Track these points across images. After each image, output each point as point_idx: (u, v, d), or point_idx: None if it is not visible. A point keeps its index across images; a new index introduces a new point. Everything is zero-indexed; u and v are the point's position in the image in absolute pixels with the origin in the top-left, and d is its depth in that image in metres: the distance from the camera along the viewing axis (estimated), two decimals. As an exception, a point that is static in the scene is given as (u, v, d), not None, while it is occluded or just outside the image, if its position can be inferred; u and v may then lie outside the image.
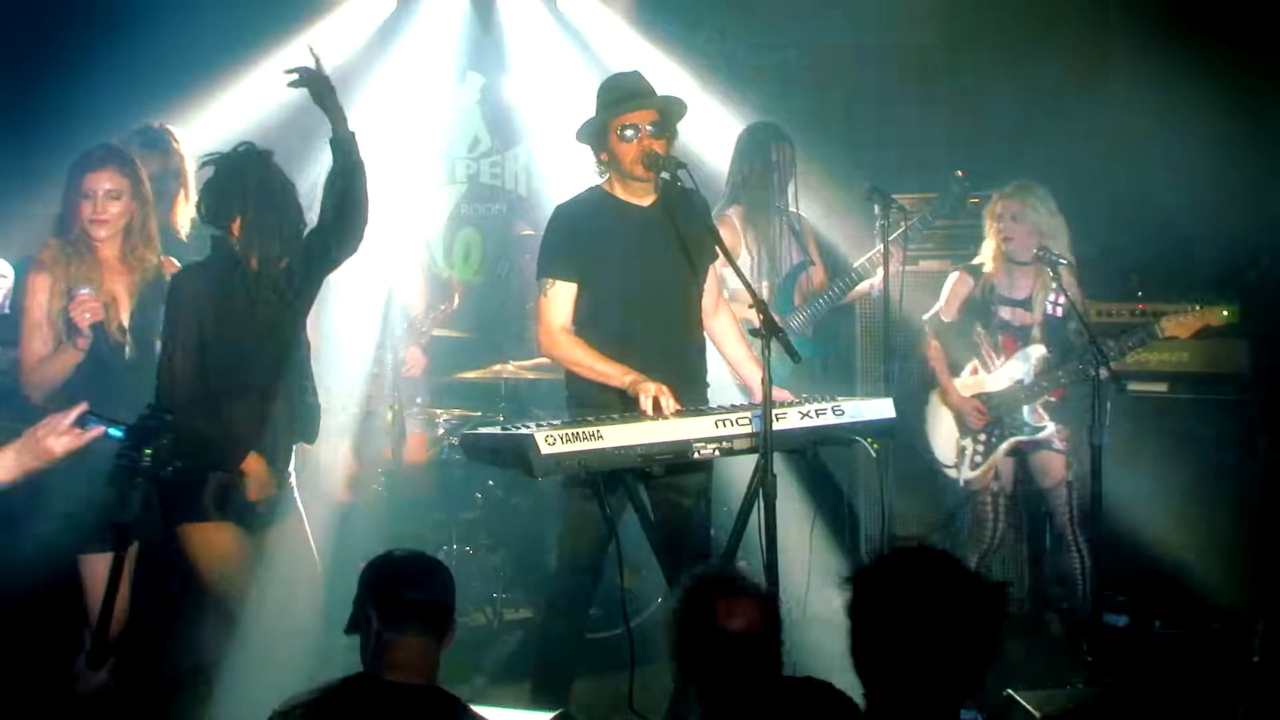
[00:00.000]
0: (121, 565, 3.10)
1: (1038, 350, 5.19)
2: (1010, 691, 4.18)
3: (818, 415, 4.14)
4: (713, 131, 6.17)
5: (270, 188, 3.96)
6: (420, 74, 7.10)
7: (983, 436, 5.23)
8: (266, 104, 6.28)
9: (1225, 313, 5.34)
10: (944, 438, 5.32)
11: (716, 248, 4.32)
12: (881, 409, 4.31)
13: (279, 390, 4.04)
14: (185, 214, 4.71)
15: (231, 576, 3.96)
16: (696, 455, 3.99)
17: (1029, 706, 4.13)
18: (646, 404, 3.98)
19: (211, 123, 5.76)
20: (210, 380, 3.89)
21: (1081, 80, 6.24)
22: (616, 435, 3.88)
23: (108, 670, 3.54)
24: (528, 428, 3.92)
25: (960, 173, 5.53)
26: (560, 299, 4.24)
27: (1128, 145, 6.14)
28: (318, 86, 4.07)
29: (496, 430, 4.30)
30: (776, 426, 3.86)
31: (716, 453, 4.02)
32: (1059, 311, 5.19)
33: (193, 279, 4.01)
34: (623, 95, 4.26)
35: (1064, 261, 4.99)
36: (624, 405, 4.11)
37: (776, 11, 6.60)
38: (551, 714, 4.00)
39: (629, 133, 4.19)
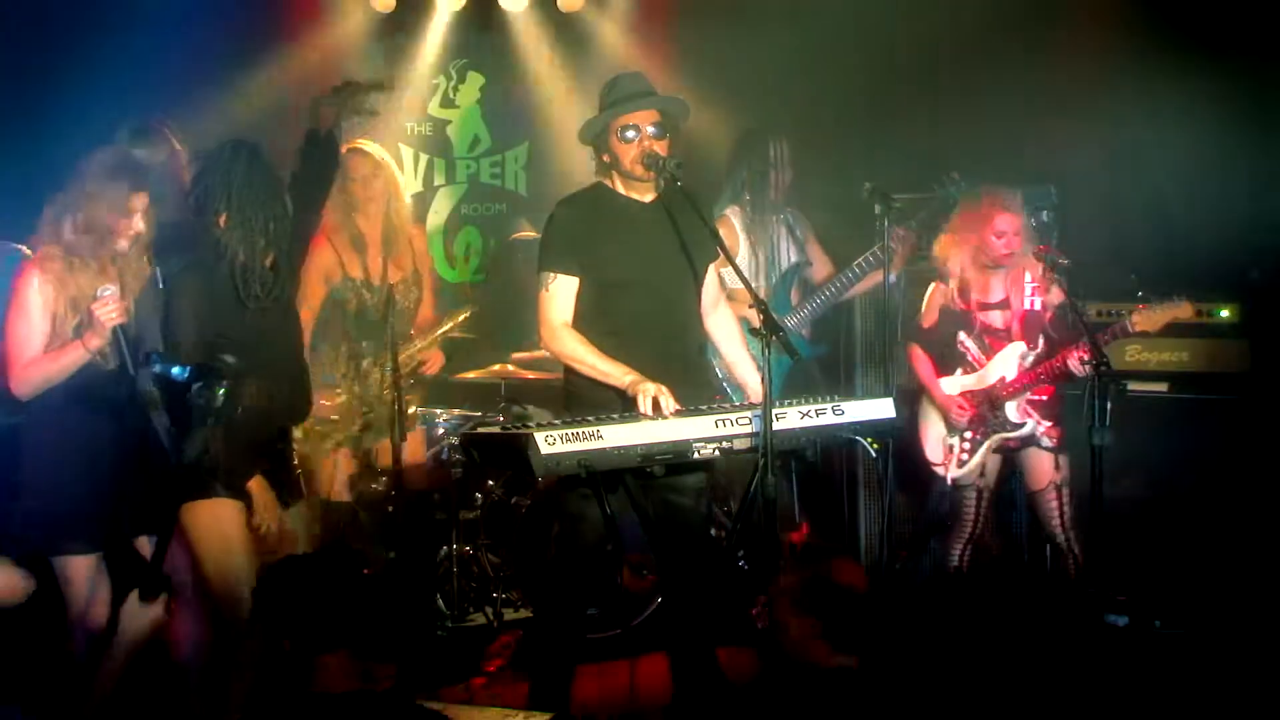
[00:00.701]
0: (186, 498, 3.09)
1: (1018, 347, 5.18)
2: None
3: (818, 415, 4.12)
4: (712, 131, 6.17)
5: (255, 183, 3.97)
6: (420, 73, 7.13)
7: (968, 434, 5.22)
8: (267, 103, 6.30)
9: (1226, 312, 5.34)
10: (933, 436, 5.32)
11: (717, 248, 4.32)
12: (881, 409, 4.29)
13: (280, 384, 4.05)
14: None
15: (230, 563, 3.90)
16: (696, 455, 3.98)
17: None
18: (645, 404, 3.98)
19: (212, 121, 5.75)
20: None
21: (1082, 80, 6.24)
22: (616, 435, 3.87)
23: (161, 603, 3.45)
24: (528, 428, 3.92)
25: (955, 175, 5.53)
26: (561, 293, 4.23)
27: (1129, 145, 6.14)
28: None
29: (496, 430, 4.30)
30: (776, 426, 3.85)
31: (716, 453, 4.01)
32: (1035, 306, 5.18)
33: (187, 276, 4.01)
34: (623, 96, 4.25)
35: (1065, 262, 4.99)
36: (622, 404, 4.10)
37: (776, 9, 6.60)
38: (550, 715, 4.00)
39: (630, 134, 4.19)
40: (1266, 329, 5.58)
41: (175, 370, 3.17)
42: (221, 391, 3.13)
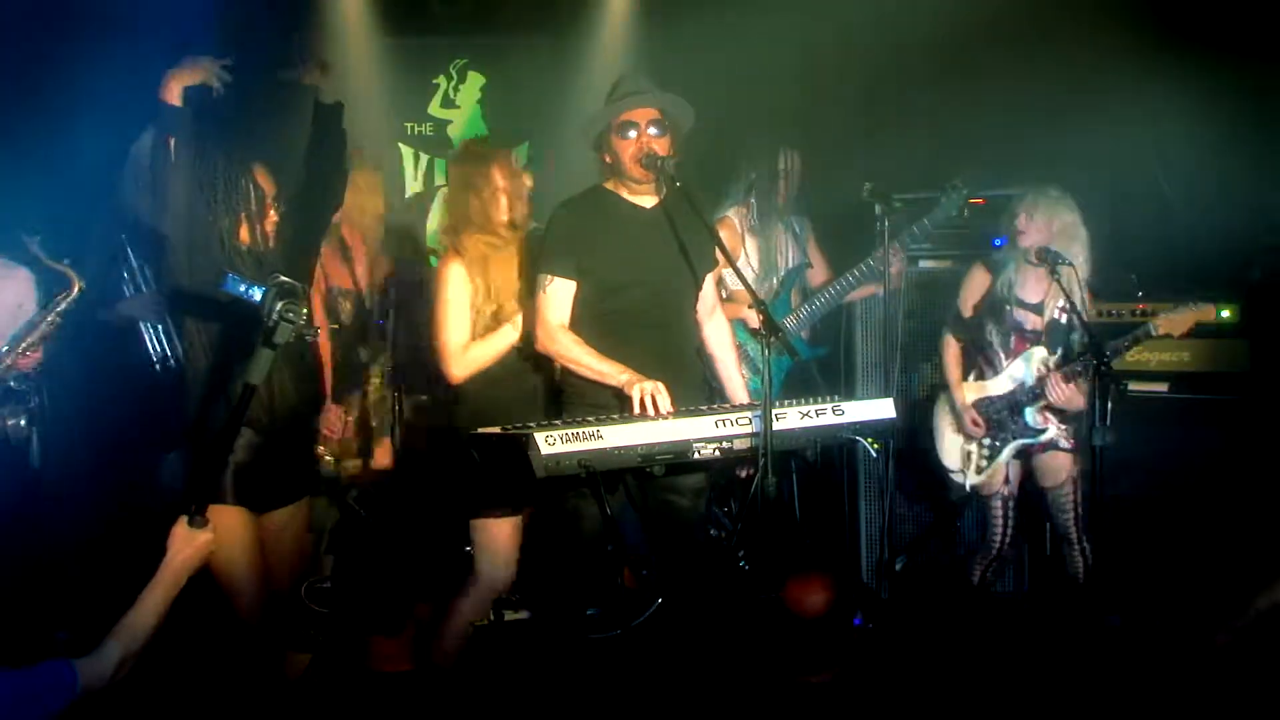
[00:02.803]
0: (243, 414, 3.13)
1: (1039, 353, 5.17)
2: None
3: (818, 415, 4.13)
4: (711, 131, 6.17)
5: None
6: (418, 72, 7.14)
7: (987, 441, 5.22)
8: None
9: (1227, 312, 5.33)
10: (950, 441, 5.31)
11: (717, 250, 4.32)
12: (881, 409, 4.29)
13: (285, 373, 4.00)
14: None
15: (226, 566, 3.88)
16: (697, 455, 3.97)
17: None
18: (638, 403, 3.99)
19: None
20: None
21: (1083, 81, 6.24)
22: (616, 435, 3.86)
23: (210, 530, 3.42)
24: (528, 428, 3.92)
25: (958, 182, 5.52)
26: (559, 296, 4.24)
27: (1129, 145, 6.14)
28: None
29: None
30: (776, 426, 3.85)
31: (717, 453, 4.00)
32: (1063, 316, 5.16)
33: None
34: (623, 92, 4.26)
35: (1066, 262, 4.97)
36: (619, 404, 4.11)
37: (778, 10, 6.60)
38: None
39: (629, 131, 4.19)
40: (1266, 329, 5.58)
41: (252, 291, 3.10)
42: (306, 311, 3.08)
